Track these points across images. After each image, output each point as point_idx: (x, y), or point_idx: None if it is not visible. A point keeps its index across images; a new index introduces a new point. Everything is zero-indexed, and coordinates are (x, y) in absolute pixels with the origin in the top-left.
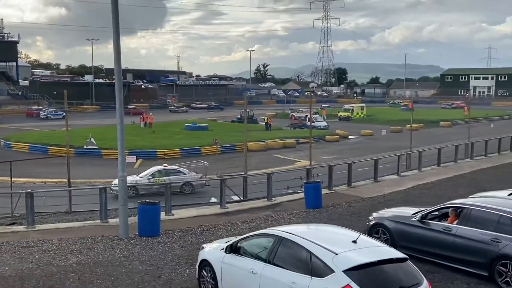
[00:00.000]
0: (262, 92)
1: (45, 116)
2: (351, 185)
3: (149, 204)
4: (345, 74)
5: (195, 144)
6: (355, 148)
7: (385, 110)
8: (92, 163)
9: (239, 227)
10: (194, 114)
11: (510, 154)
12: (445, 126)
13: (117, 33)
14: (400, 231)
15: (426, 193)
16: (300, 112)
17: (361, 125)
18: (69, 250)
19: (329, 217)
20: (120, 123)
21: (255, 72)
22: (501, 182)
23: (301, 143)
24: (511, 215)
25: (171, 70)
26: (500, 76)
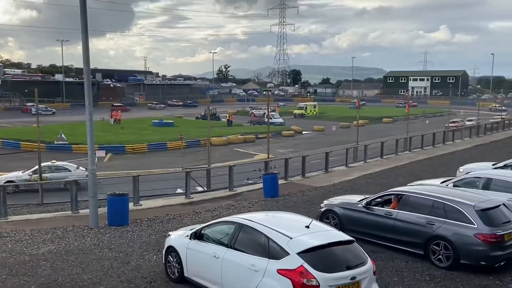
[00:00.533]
0: (224, 91)
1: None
2: (305, 175)
3: (118, 196)
4: (299, 75)
5: (162, 139)
6: (309, 142)
7: (335, 108)
8: (63, 158)
9: (203, 216)
10: (171, 111)
11: (442, 147)
12: (387, 122)
13: (86, 34)
14: (348, 216)
15: (371, 182)
16: (259, 110)
17: (313, 121)
18: (41, 240)
19: (285, 205)
20: (89, 120)
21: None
22: (435, 172)
23: (259, 138)
24: (443, 200)
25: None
26: (435, 78)
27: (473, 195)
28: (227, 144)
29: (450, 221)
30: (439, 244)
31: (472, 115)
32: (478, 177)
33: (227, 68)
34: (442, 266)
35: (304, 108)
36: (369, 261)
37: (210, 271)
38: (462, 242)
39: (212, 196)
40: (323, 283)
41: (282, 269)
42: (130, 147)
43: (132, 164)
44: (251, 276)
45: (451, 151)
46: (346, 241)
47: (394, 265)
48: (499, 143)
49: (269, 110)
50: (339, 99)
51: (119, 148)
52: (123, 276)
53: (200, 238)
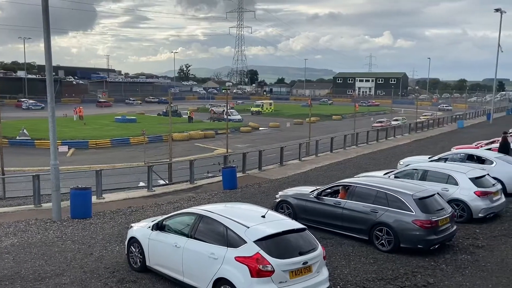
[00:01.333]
0: (185, 89)
1: (26, 107)
2: (262, 169)
3: (81, 189)
4: (256, 75)
5: (125, 135)
6: (265, 138)
7: (289, 106)
8: (26, 153)
9: (165, 208)
10: (148, 106)
11: (385, 142)
12: (337, 119)
13: (48, 32)
14: (301, 206)
15: (322, 174)
16: (218, 107)
17: (269, 118)
18: (3, 233)
19: (243, 196)
20: (51, 116)
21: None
22: (378, 164)
23: (219, 133)
24: (385, 190)
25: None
26: (378, 79)
27: (412, 185)
28: (188, 139)
29: (391, 209)
30: (382, 230)
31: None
32: (416, 169)
33: (188, 67)
34: (384, 250)
35: (261, 106)
36: (319, 247)
37: (171, 260)
38: (402, 227)
39: (173, 189)
40: (278, 268)
41: (239, 256)
42: (93, 142)
43: (95, 159)
44: (210, 263)
45: (393, 145)
46: (299, 229)
47: (342, 250)
48: (434, 138)
49: (228, 107)
50: (293, 98)
51: (82, 143)
52: (86, 267)
53: (161, 229)
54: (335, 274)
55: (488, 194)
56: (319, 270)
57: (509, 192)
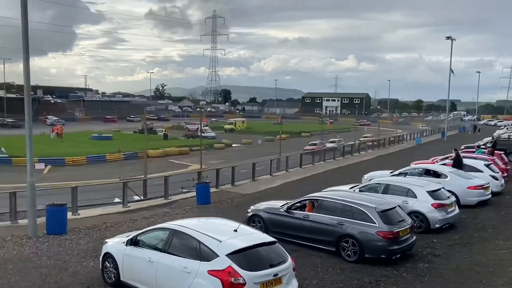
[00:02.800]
0: (160, 107)
1: (51, 123)
2: (234, 184)
3: (57, 206)
4: (229, 94)
5: (101, 152)
6: (238, 154)
7: (261, 123)
8: (3, 170)
9: (140, 223)
10: (134, 124)
11: (351, 158)
12: (306, 136)
13: (27, 53)
14: (272, 220)
15: (292, 188)
16: (193, 125)
17: (242, 135)
18: None
19: (216, 211)
20: (28, 133)
21: (154, 91)
22: (345, 179)
23: (193, 150)
24: (351, 204)
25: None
26: (344, 99)
27: (375, 198)
28: (164, 156)
29: (356, 221)
30: (348, 242)
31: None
32: (378, 183)
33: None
34: (350, 260)
35: (234, 124)
36: (289, 259)
37: (145, 274)
38: (366, 239)
39: (148, 204)
40: (249, 280)
41: (212, 269)
42: (70, 160)
43: (71, 176)
44: (184, 277)
45: (358, 161)
46: (269, 242)
47: (311, 261)
48: (396, 154)
49: (202, 125)
50: (264, 116)
51: (59, 160)
52: (61, 282)
53: (136, 244)
54: (304, 285)
55: (444, 206)
56: (289, 282)
57: (462, 204)
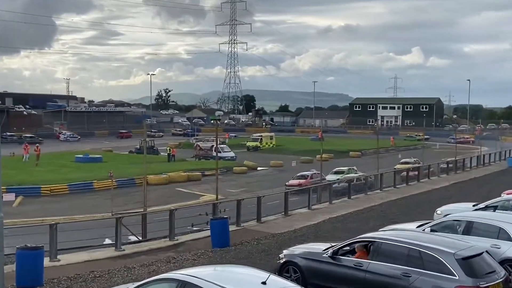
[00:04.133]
0: (164, 119)
1: (65, 139)
2: (261, 220)
3: (30, 249)
4: (253, 102)
5: (87, 178)
6: (265, 180)
7: (295, 139)
8: None
9: (137, 272)
10: (166, 139)
11: (417, 184)
12: (355, 156)
13: None
14: (311, 269)
15: (338, 227)
16: (205, 142)
17: (270, 155)
18: None
19: (237, 256)
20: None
21: (156, 98)
22: (410, 214)
23: (207, 175)
24: (419, 248)
25: (60, 95)
26: (406, 106)
27: (453, 241)
28: (168, 183)
29: (428, 272)
30: None
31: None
32: (458, 220)
33: (167, 93)
34: None
35: (259, 140)
36: None
37: None
38: None
39: (148, 247)
40: None
41: None
42: (47, 188)
43: (49, 209)
44: None
45: (427, 189)
46: None
47: None
48: (480, 180)
49: (218, 142)
50: (299, 130)
51: (33, 189)
52: None
53: None
54: None
55: None
56: None
57: None
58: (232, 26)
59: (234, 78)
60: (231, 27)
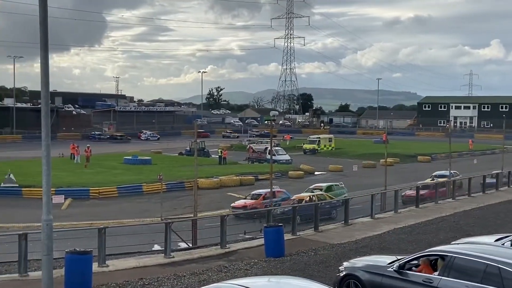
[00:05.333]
0: (215, 120)
1: (145, 138)
2: (318, 229)
3: (79, 254)
4: (310, 101)
5: (136, 181)
6: None
7: (357, 142)
8: (10, 204)
9: (187, 280)
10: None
11: (496, 193)
12: (424, 161)
13: (46, 50)
14: (375, 283)
15: (404, 238)
16: (259, 144)
17: (328, 159)
18: None
19: (292, 268)
20: (45, 157)
21: (207, 97)
22: (487, 226)
23: (260, 179)
24: (499, 264)
25: (109, 94)
26: (483, 106)
27: None
28: (219, 187)
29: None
30: None
31: None
32: None
33: (219, 91)
34: None
35: (317, 142)
36: None
37: None
38: None
39: (198, 255)
40: None
41: None
42: (96, 191)
43: (98, 213)
44: None
45: (507, 199)
46: None
47: None
48: None
49: (272, 144)
50: (361, 131)
51: (81, 192)
52: None
53: None
54: None
55: None
56: None
57: None
58: (288, 19)
59: (290, 76)
60: (288, 21)
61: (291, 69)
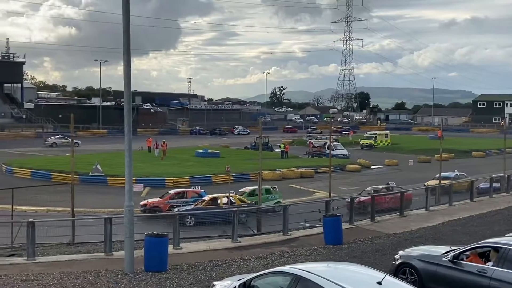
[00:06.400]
0: (278, 117)
1: (238, 133)
2: (375, 219)
3: (157, 236)
4: (367, 99)
5: (206, 172)
6: (379, 179)
7: (411, 138)
8: (97, 191)
9: (252, 263)
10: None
11: None
12: (478, 156)
13: (128, 54)
14: (430, 272)
15: (458, 230)
16: (319, 139)
17: (385, 154)
18: (70, 285)
19: (350, 255)
20: (128, 150)
21: (270, 95)
22: None
23: (319, 172)
24: None
25: (182, 93)
26: None
27: None
28: (281, 179)
29: None
30: None
31: None
32: None
33: (282, 91)
34: None
35: (374, 138)
36: None
37: None
38: None
39: (262, 240)
40: None
41: None
42: (171, 180)
43: None
44: None
45: None
46: None
47: None
48: None
49: (331, 139)
50: (416, 128)
51: (158, 181)
52: None
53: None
54: None
55: None
56: None
57: None
58: (347, 23)
59: (348, 76)
60: (347, 24)
61: (350, 70)
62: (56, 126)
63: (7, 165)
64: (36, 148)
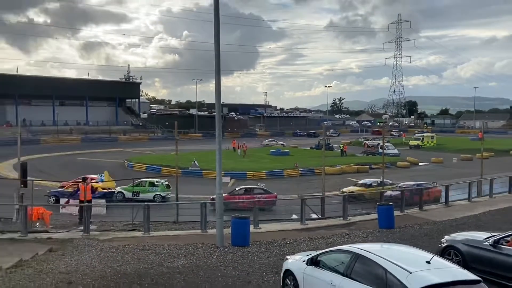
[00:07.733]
0: (337, 122)
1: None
2: (423, 208)
3: (241, 218)
4: (415, 106)
5: (279, 167)
6: (426, 174)
7: (455, 139)
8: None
9: (318, 242)
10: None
11: None
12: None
13: (219, 76)
14: (473, 255)
15: (499, 218)
16: (372, 141)
17: (431, 153)
18: (176, 254)
19: (401, 238)
20: (218, 149)
21: (331, 105)
22: None
23: (373, 168)
24: None
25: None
26: None
27: None
28: (341, 173)
29: None
30: None
31: None
32: None
33: (341, 101)
34: None
35: (421, 139)
36: None
37: None
38: None
39: (326, 223)
40: None
41: None
42: (251, 174)
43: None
44: None
45: None
46: (472, 280)
47: None
48: None
49: (384, 140)
50: (459, 131)
51: (241, 174)
52: None
53: (316, 264)
54: None
55: None
56: None
57: None
58: (397, 43)
59: (398, 87)
60: (397, 44)
61: (399, 82)
62: (163, 131)
63: (129, 161)
64: (149, 148)
